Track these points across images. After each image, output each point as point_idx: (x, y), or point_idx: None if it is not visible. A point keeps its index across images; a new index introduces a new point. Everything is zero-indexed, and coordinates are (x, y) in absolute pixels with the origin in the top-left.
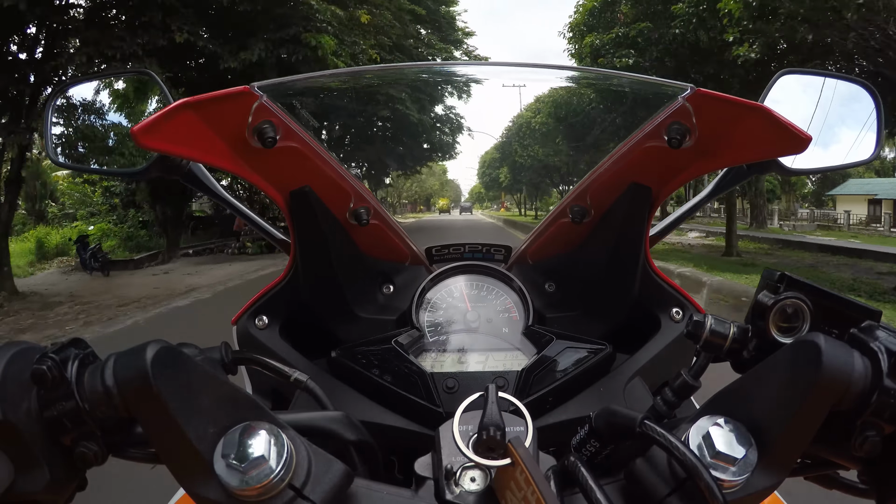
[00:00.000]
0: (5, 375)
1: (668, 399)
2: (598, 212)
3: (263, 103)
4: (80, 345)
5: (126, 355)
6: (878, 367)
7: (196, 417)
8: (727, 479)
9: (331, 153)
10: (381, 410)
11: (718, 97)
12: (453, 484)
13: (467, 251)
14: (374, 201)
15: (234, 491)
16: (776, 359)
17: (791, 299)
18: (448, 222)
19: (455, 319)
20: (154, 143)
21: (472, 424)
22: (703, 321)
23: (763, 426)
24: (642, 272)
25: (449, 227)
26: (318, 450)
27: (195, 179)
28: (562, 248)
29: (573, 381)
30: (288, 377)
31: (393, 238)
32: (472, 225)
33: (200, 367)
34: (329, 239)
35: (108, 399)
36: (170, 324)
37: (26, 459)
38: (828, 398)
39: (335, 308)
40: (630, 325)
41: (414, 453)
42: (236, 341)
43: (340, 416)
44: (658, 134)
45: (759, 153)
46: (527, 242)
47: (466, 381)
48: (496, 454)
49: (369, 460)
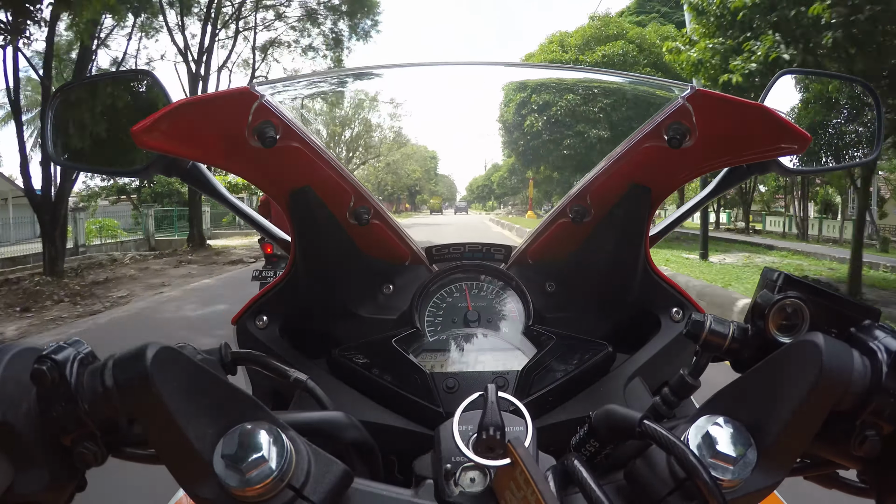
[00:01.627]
0: (5, 376)
1: (668, 399)
2: (598, 212)
3: (263, 103)
4: (80, 345)
5: (126, 356)
6: (877, 366)
7: (196, 417)
8: (727, 479)
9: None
10: (380, 410)
11: (719, 97)
12: (453, 484)
13: (467, 251)
14: (375, 201)
15: (233, 491)
16: (776, 358)
17: (790, 299)
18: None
19: (455, 319)
20: (154, 143)
21: (472, 424)
22: (703, 321)
23: (763, 426)
24: (642, 272)
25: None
26: (317, 450)
27: (195, 179)
28: (562, 248)
29: (573, 380)
30: (288, 377)
31: (393, 238)
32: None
33: (200, 368)
34: (329, 239)
35: (107, 399)
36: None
37: (26, 460)
38: (827, 398)
39: (335, 308)
40: (630, 325)
41: (414, 453)
42: (236, 341)
43: (340, 416)
44: (658, 134)
45: (760, 153)
46: (527, 242)
47: (466, 381)
48: (496, 454)
49: (369, 460)
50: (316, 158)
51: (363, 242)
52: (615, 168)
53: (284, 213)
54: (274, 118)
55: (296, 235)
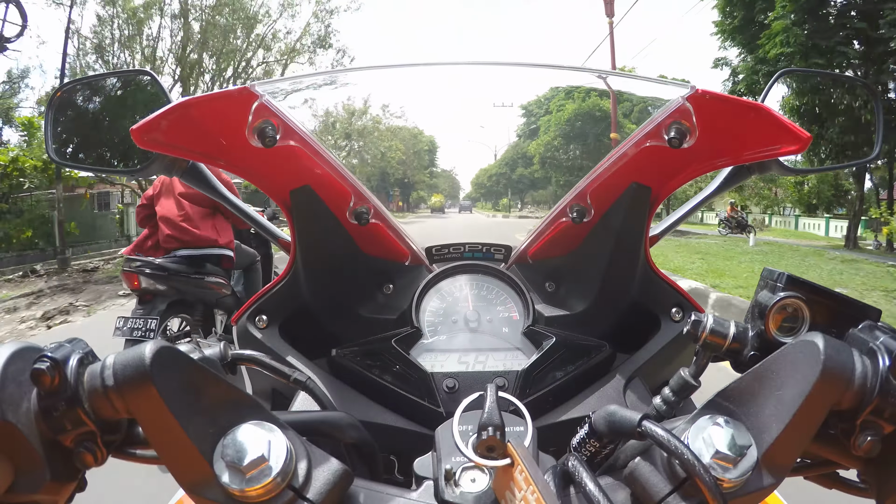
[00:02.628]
0: (5, 376)
1: (668, 399)
2: (598, 211)
3: (263, 103)
4: (80, 344)
5: (126, 355)
6: (877, 366)
7: (196, 417)
8: (727, 479)
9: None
10: (381, 410)
11: (718, 96)
12: (453, 484)
13: (467, 251)
14: (375, 201)
15: (233, 491)
16: (776, 358)
17: (790, 298)
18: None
19: (455, 319)
20: (154, 142)
21: (472, 424)
22: (703, 321)
23: (763, 426)
24: (642, 272)
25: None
26: (317, 450)
27: (195, 178)
28: (562, 247)
29: (573, 380)
30: (288, 377)
31: (393, 237)
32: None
33: (200, 367)
34: (329, 238)
35: (107, 399)
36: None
37: (26, 460)
38: (828, 398)
39: (335, 307)
40: (630, 325)
41: (414, 453)
42: (236, 341)
43: (340, 416)
44: (658, 133)
45: (760, 153)
46: (527, 242)
47: (466, 381)
48: (496, 454)
49: (369, 460)
50: (316, 158)
51: (363, 242)
52: (615, 168)
53: (284, 212)
54: (274, 118)
55: (296, 235)
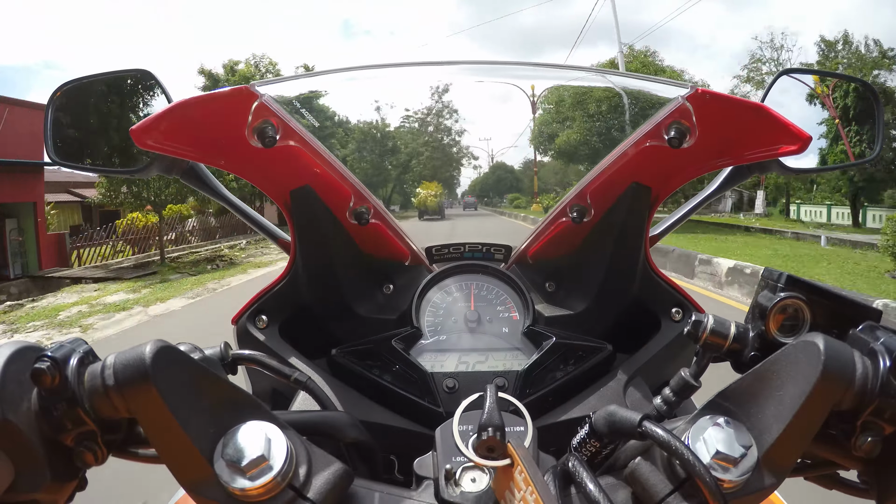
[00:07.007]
0: (5, 375)
1: (668, 399)
2: (598, 211)
3: (263, 103)
4: (80, 344)
5: (126, 355)
6: (878, 367)
7: (196, 417)
8: (727, 479)
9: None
10: (381, 410)
11: (719, 96)
12: (453, 484)
13: (467, 251)
14: (375, 200)
15: (234, 491)
16: (776, 359)
17: (791, 299)
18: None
19: (455, 319)
20: (153, 143)
21: (472, 424)
22: (703, 321)
23: (763, 426)
24: (642, 272)
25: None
26: (317, 450)
27: (195, 178)
28: (562, 247)
29: (573, 381)
30: (288, 377)
31: (393, 237)
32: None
33: (200, 367)
34: (329, 238)
35: (108, 399)
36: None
37: (26, 459)
38: (828, 398)
39: (335, 307)
40: (630, 325)
41: (414, 453)
42: (236, 341)
43: (340, 416)
44: (658, 133)
45: (760, 153)
46: (527, 242)
47: (466, 381)
48: (496, 454)
49: (369, 460)
50: (316, 158)
51: (363, 242)
52: (615, 168)
53: (284, 212)
54: (274, 118)
55: (296, 235)
